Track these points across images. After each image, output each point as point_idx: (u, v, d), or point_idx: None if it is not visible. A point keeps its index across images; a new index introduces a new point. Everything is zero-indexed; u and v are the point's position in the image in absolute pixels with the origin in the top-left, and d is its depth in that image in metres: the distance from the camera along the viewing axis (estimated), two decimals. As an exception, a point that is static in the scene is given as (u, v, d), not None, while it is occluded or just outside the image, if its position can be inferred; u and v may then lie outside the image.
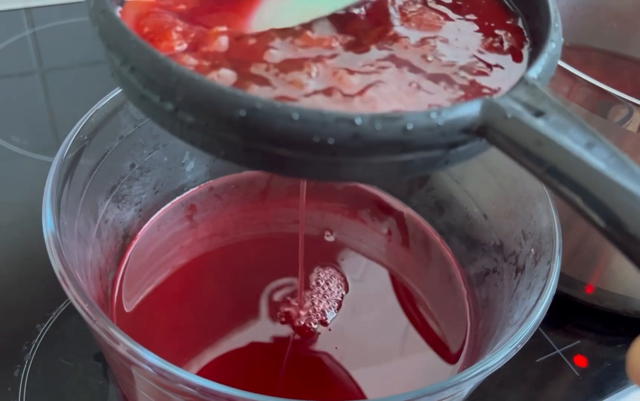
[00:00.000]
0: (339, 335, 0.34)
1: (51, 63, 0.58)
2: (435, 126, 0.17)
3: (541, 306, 0.27)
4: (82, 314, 0.24)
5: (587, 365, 0.39)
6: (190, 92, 0.17)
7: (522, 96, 0.19)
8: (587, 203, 0.16)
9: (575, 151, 0.17)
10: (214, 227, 0.40)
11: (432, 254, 0.40)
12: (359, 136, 0.17)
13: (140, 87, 0.19)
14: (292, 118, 0.17)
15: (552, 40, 0.21)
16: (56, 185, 0.29)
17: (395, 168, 0.19)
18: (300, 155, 0.18)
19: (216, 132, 0.18)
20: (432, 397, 0.23)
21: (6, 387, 0.33)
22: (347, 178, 0.19)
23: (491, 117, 0.18)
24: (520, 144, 0.17)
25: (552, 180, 0.17)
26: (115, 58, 0.19)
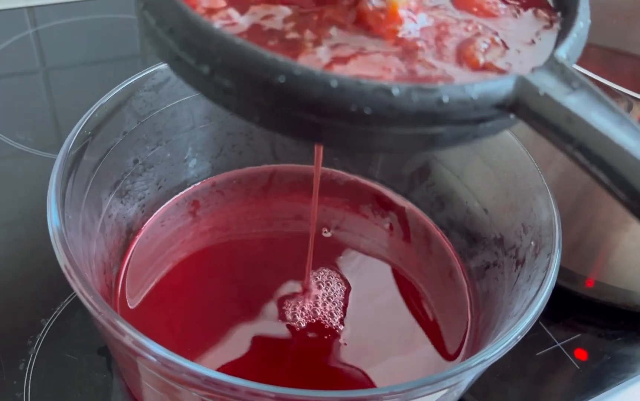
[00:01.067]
0: (339, 330, 0.35)
1: (54, 62, 0.58)
2: (470, 100, 0.18)
3: (541, 298, 0.27)
4: (87, 307, 0.25)
5: (587, 358, 0.40)
6: (229, 56, 0.17)
7: (552, 74, 0.19)
8: (613, 179, 0.17)
9: (604, 129, 0.17)
10: (216, 222, 0.40)
11: (433, 249, 0.41)
12: (394, 106, 0.17)
13: (176, 49, 0.19)
14: (330, 86, 0.17)
15: (581, 19, 0.22)
16: (60, 180, 0.29)
17: (426, 140, 0.19)
18: (336, 123, 0.18)
19: (252, 97, 0.18)
20: (433, 386, 0.23)
21: (12, 380, 0.33)
22: (377, 148, 0.19)
23: (523, 93, 0.18)
24: (550, 121, 0.18)
25: (581, 156, 0.17)
26: (150, 18, 0.19)
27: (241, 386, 0.22)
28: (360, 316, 0.35)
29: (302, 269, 0.36)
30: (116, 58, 0.60)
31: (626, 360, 0.40)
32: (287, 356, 0.33)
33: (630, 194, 0.16)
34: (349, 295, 0.36)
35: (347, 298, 0.36)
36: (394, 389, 0.23)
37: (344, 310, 0.35)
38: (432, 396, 0.25)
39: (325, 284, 0.36)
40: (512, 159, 0.35)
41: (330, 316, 0.35)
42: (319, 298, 0.35)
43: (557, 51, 0.20)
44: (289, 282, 0.36)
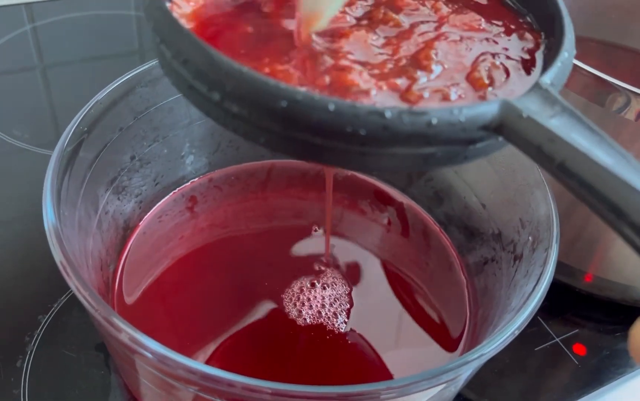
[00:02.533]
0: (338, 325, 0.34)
1: (51, 58, 0.58)
2: (457, 122, 0.19)
3: (538, 293, 0.27)
4: (84, 304, 0.25)
5: (586, 353, 0.39)
6: (237, 83, 0.19)
7: (536, 98, 0.20)
8: (594, 196, 0.18)
9: (584, 148, 0.18)
10: (214, 218, 0.40)
11: (432, 244, 0.40)
12: (387, 127, 0.18)
13: (190, 79, 0.20)
14: (328, 109, 0.18)
15: (566, 50, 0.23)
16: (56, 176, 0.29)
17: (419, 160, 0.20)
18: (334, 144, 0.19)
19: (258, 121, 0.19)
20: (430, 381, 0.23)
21: (9, 378, 0.33)
22: (374, 168, 0.21)
23: (508, 115, 0.19)
24: (533, 142, 0.19)
25: (562, 175, 0.18)
26: (166, 51, 0.21)
27: (238, 382, 0.22)
28: (359, 312, 0.35)
29: (300, 264, 0.36)
30: (114, 54, 0.60)
31: (625, 355, 0.40)
32: (285, 352, 0.33)
33: (610, 209, 0.17)
34: (346, 291, 0.36)
35: (345, 293, 0.36)
36: (392, 384, 0.23)
37: (342, 307, 0.35)
38: (430, 391, 0.25)
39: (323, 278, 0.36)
40: (510, 153, 0.35)
41: (327, 313, 0.35)
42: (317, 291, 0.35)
43: (542, 77, 0.21)
44: (287, 277, 0.36)
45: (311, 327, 0.34)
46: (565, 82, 0.22)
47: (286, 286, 0.36)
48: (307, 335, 0.34)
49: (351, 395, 0.22)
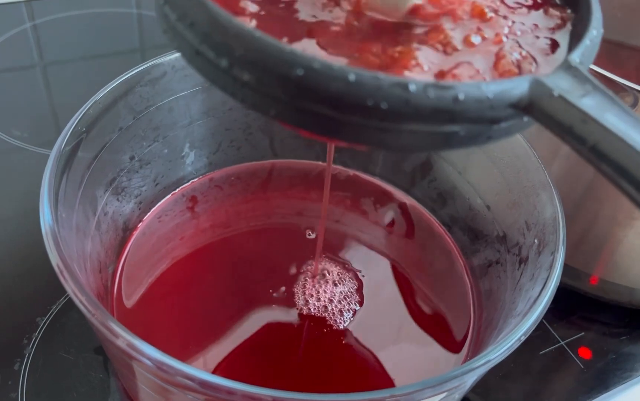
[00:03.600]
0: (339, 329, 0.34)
1: (52, 56, 0.58)
2: (485, 99, 0.18)
3: (545, 297, 0.27)
4: (80, 308, 0.24)
5: (591, 357, 0.39)
6: (248, 48, 0.18)
7: (566, 77, 0.19)
8: (628, 181, 0.17)
9: (618, 131, 0.17)
10: (215, 218, 0.40)
11: (435, 246, 0.40)
12: (411, 101, 0.17)
13: (196, 43, 0.19)
14: (348, 80, 0.17)
15: (594, 27, 0.22)
16: (54, 177, 0.28)
17: (441, 139, 0.19)
18: (352, 118, 0.18)
19: (270, 90, 0.18)
20: (435, 389, 0.23)
21: (7, 381, 0.33)
22: (392, 146, 0.19)
23: (538, 94, 0.18)
24: (564, 122, 0.18)
25: (594, 158, 0.18)
26: (171, 13, 0.19)
27: (238, 390, 0.21)
28: (363, 314, 0.35)
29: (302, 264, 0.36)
30: (115, 52, 0.60)
31: (631, 358, 0.39)
32: (287, 356, 0.33)
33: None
34: (350, 293, 0.36)
35: (347, 294, 0.36)
36: (395, 392, 0.23)
37: (346, 308, 0.35)
38: (433, 398, 0.24)
39: (326, 280, 0.36)
40: (515, 154, 0.35)
41: (331, 315, 0.34)
42: (320, 293, 0.35)
43: (570, 55, 0.20)
44: (288, 278, 0.36)
45: (315, 331, 0.34)
46: (593, 61, 0.21)
47: (287, 286, 0.35)
48: (311, 339, 0.33)
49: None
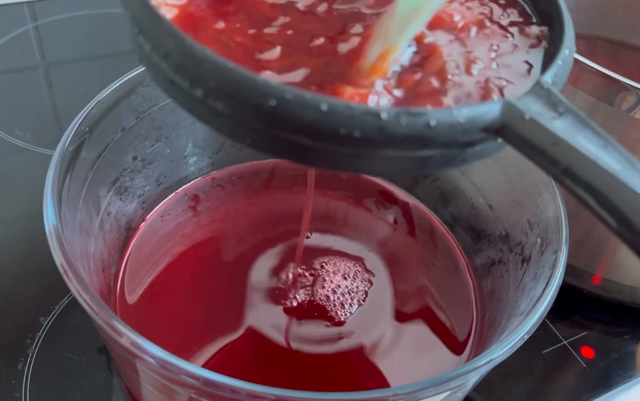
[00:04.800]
0: (343, 327, 0.34)
1: (54, 57, 0.58)
2: (457, 124, 0.18)
3: (547, 297, 0.27)
4: (84, 307, 0.24)
5: (594, 356, 0.39)
6: (222, 79, 0.18)
7: (539, 99, 0.19)
8: (600, 203, 0.17)
9: (590, 153, 0.17)
10: (217, 217, 0.40)
11: (438, 245, 0.40)
12: (384, 129, 0.17)
13: (170, 73, 0.19)
14: (320, 109, 0.17)
15: (566, 47, 0.22)
16: (57, 177, 0.28)
17: (416, 163, 0.19)
18: (326, 146, 0.18)
19: (244, 120, 0.18)
20: (438, 388, 0.23)
21: (10, 380, 0.33)
22: (368, 171, 0.20)
23: (510, 117, 0.18)
24: (537, 145, 0.18)
25: (567, 180, 0.18)
26: (145, 43, 0.20)
27: (241, 388, 0.22)
28: (365, 312, 0.35)
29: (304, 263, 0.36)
30: (118, 53, 0.60)
31: (634, 357, 0.39)
32: (291, 356, 0.33)
33: (616, 217, 0.17)
34: (352, 290, 0.36)
35: (350, 293, 0.36)
36: (398, 390, 0.23)
37: (348, 307, 0.35)
38: (436, 397, 0.24)
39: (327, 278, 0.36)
40: (518, 153, 0.35)
41: (335, 313, 0.34)
42: (320, 292, 0.35)
43: (543, 77, 0.20)
44: (292, 276, 0.36)
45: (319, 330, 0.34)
46: (565, 80, 0.22)
47: (287, 284, 0.36)
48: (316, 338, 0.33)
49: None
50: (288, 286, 0.36)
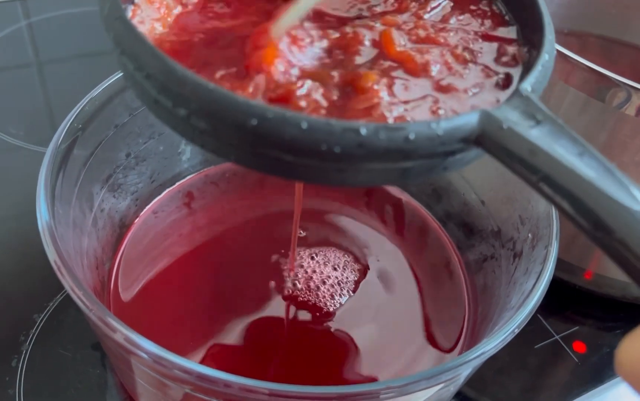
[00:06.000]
0: (335, 320, 0.34)
1: (48, 55, 0.58)
2: (436, 136, 0.18)
3: (538, 291, 0.27)
4: (78, 304, 0.24)
5: (585, 351, 0.39)
6: (204, 100, 0.18)
7: (516, 107, 0.20)
8: (578, 210, 0.17)
9: (567, 161, 0.18)
10: (211, 214, 0.40)
11: (430, 241, 0.40)
12: (363, 144, 0.18)
13: (154, 93, 0.19)
14: (300, 127, 0.18)
15: (546, 52, 0.22)
16: (50, 174, 0.28)
17: (397, 174, 0.20)
18: (308, 161, 0.19)
19: (227, 138, 0.19)
20: (429, 381, 0.23)
21: (4, 377, 0.33)
22: (351, 183, 0.20)
23: (488, 127, 0.19)
24: (514, 154, 0.18)
25: (545, 188, 0.18)
26: (129, 63, 0.20)
27: (235, 383, 0.22)
28: (358, 308, 0.35)
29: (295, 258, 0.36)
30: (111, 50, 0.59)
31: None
32: (283, 350, 0.33)
33: (593, 223, 0.17)
34: (345, 286, 0.36)
35: (343, 288, 0.36)
36: (391, 384, 0.23)
37: (340, 302, 0.35)
38: (428, 390, 0.25)
39: (321, 274, 0.36)
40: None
41: (325, 307, 0.35)
42: (313, 288, 0.35)
43: (522, 84, 0.21)
44: (285, 273, 0.36)
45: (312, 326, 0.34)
46: (546, 85, 0.22)
47: (280, 280, 0.36)
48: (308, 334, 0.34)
49: (350, 396, 0.22)
50: (281, 282, 0.36)
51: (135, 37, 0.20)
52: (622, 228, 0.16)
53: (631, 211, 0.17)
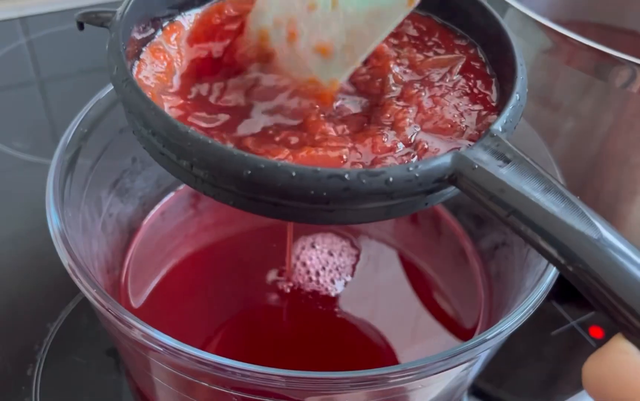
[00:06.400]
0: (349, 313, 0.34)
1: (49, 71, 0.58)
2: (413, 178, 0.20)
3: (553, 268, 0.27)
4: (93, 304, 0.24)
5: (603, 336, 0.39)
6: (203, 154, 0.20)
7: (487, 147, 0.21)
8: (545, 241, 0.19)
9: (533, 197, 0.19)
10: (218, 215, 0.40)
11: (442, 231, 0.40)
12: (348, 188, 0.20)
13: (160, 147, 0.21)
14: (291, 175, 0.19)
15: (517, 91, 0.23)
16: (58, 179, 0.28)
17: (382, 211, 0.22)
18: (299, 205, 0.20)
19: (226, 187, 0.21)
20: (447, 362, 0.23)
21: (20, 387, 0.33)
22: (341, 221, 0.22)
23: (460, 168, 0.20)
24: (485, 191, 0.20)
25: (515, 221, 0.19)
26: (136, 121, 0.22)
27: (252, 371, 0.22)
28: (373, 300, 0.35)
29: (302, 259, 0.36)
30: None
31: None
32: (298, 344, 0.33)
33: (557, 250, 0.19)
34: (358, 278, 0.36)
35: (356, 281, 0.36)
36: (407, 367, 0.23)
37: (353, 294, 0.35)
38: (446, 374, 0.24)
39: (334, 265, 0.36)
40: (517, 133, 0.35)
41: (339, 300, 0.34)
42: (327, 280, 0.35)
43: (493, 125, 0.22)
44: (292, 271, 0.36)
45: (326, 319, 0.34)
46: (518, 123, 0.23)
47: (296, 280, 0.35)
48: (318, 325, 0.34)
49: (367, 379, 0.22)
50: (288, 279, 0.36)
51: (141, 98, 0.21)
52: (584, 256, 0.18)
53: (591, 240, 0.18)
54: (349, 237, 0.38)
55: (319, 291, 0.35)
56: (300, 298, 0.35)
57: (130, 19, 0.25)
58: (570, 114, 0.38)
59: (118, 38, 0.24)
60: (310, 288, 0.35)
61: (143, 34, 0.26)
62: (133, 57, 0.26)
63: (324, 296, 0.35)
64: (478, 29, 0.28)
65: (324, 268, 0.36)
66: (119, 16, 0.25)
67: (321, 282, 0.35)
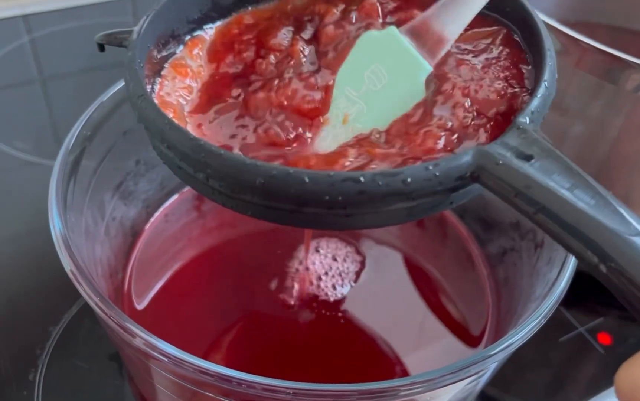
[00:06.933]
0: (353, 318, 0.34)
1: (51, 70, 0.58)
2: (433, 177, 0.19)
3: (564, 278, 0.27)
4: (95, 310, 0.24)
5: (611, 342, 0.38)
6: (218, 165, 0.20)
7: (513, 141, 0.20)
8: (576, 239, 0.18)
9: (562, 193, 0.18)
10: (222, 217, 0.39)
11: (449, 235, 0.40)
12: (364, 191, 0.19)
13: (177, 160, 0.21)
14: (304, 181, 0.19)
15: (545, 80, 0.22)
16: (61, 182, 0.28)
17: (404, 213, 0.21)
18: (316, 211, 0.20)
19: (242, 196, 0.20)
20: (456, 375, 0.22)
21: (22, 391, 0.33)
22: (361, 226, 0.21)
23: (483, 164, 0.19)
24: (511, 188, 0.19)
25: (542, 219, 0.18)
26: (153, 137, 0.22)
27: (257, 383, 0.21)
28: (379, 305, 0.35)
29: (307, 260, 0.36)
30: (115, 63, 0.59)
31: (653, 342, 0.39)
32: (303, 350, 0.33)
33: (592, 251, 0.17)
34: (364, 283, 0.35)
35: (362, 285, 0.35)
36: (415, 379, 0.22)
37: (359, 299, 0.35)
38: (455, 386, 0.24)
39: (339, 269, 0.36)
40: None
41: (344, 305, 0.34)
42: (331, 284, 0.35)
43: (518, 117, 0.21)
44: (299, 273, 0.36)
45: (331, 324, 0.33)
46: (546, 113, 0.22)
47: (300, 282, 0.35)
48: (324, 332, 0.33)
49: (373, 392, 0.22)
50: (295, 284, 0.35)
51: (156, 113, 0.22)
52: (617, 254, 0.17)
53: (625, 238, 0.17)
54: (353, 243, 0.38)
55: (318, 295, 0.35)
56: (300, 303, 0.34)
57: (147, 37, 0.25)
58: (579, 117, 0.37)
59: (134, 56, 0.24)
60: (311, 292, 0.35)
61: (163, 51, 0.27)
62: (154, 74, 0.26)
63: (323, 301, 0.34)
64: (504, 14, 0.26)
65: (327, 273, 0.35)
66: (135, 35, 0.25)
67: (322, 287, 0.35)
